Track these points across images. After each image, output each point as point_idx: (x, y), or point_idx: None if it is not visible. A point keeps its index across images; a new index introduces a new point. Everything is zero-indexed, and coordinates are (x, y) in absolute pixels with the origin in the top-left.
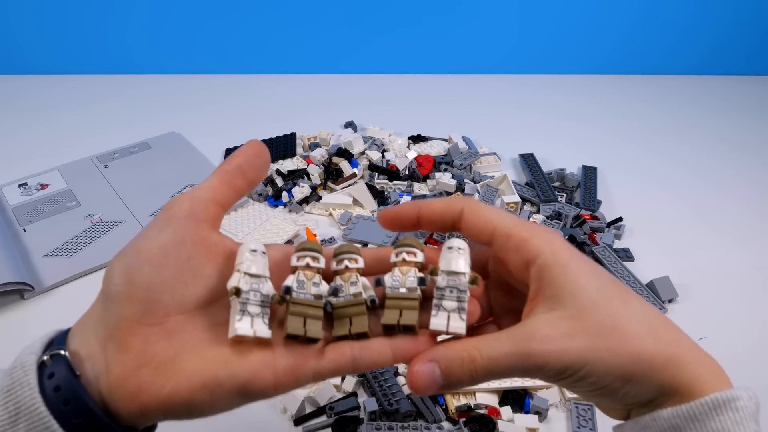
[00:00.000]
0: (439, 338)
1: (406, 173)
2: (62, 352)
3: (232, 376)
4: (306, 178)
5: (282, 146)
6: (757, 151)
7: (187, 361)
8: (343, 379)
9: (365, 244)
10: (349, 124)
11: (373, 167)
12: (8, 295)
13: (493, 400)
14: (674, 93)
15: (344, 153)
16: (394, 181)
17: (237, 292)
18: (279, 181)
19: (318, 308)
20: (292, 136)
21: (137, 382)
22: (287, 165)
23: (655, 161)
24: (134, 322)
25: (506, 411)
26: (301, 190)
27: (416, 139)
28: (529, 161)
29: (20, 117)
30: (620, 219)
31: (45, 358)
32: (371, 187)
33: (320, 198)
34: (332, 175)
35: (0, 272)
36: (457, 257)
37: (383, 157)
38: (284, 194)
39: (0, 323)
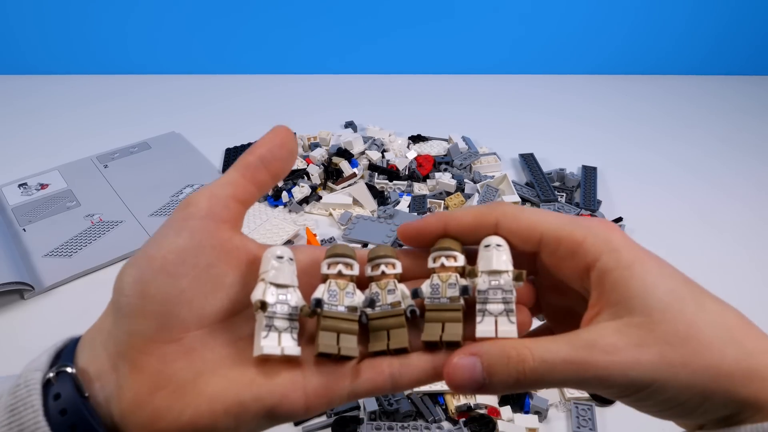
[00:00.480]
0: None
1: (406, 173)
2: (69, 369)
3: (258, 398)
4: (306, 178)
5: None
6: (757, 151)
7: (208, 383)
8: None
9: (365, 245)
10: (349, 124)
11: (373, 167)
12: (8, 295)
13: (493, 400)
14: (674, 93)
15: (344, 153)
16: (394, 181)
17: (263, 305)
18: (279, 181)
19: (352, 322)
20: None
21: (152, 408)
22: None
23: (655, 161)
24: (148, 339)
25: (506, 411)
26: (301, 190)
27: (416, 139)
28: (529, 161)
29: (20, 117)
30: (620, 219)
31: (51, 375)
32: (371, 187)
33: (320, 198)
34: (332, 175)
35: (0, 272)
36: (497, 255)
37: (383, 157)
38: (284, 194)
39: (0, 323)
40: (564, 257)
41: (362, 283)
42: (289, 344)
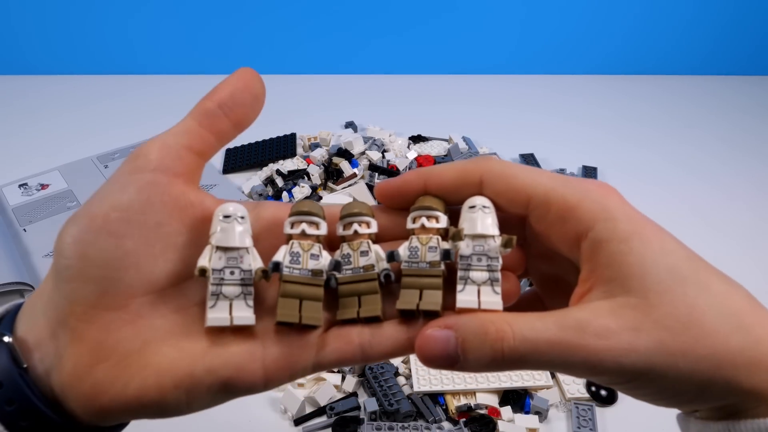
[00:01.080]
0: None
1: None
2: (6, 338)
3: (211, 371)
4: (306, 178)
5: (282, 146)
6: (757, 151)
7: (156, 354)
8: (343, 378)
9: None
10: (349, 124)
11: (373, 167)
12: (8, 295)
13: (493, 400)
14: (674, 93)
15: (344, 153)
16: None
17: (202, 272)
18: (279, 182)
19: (317, 287)
20: (292, 136)
21: (94, 381)
22: (287, 165)
23: (655, 161)
24: (89, 306)
25: (506, 411)
26: (301, 190)
27: (416, 139)
28: (529, 161)
29: (20, 117)
30: None
31: None
32: (371, 188)
33: (320, 198)
34: (332, 175)
35: (0, 272)
36: (482, 217)
37: (383, 157)
38: (284, 194)
39: None
40: (553, 223)
41: (335, 243)
42: (241, 313)
